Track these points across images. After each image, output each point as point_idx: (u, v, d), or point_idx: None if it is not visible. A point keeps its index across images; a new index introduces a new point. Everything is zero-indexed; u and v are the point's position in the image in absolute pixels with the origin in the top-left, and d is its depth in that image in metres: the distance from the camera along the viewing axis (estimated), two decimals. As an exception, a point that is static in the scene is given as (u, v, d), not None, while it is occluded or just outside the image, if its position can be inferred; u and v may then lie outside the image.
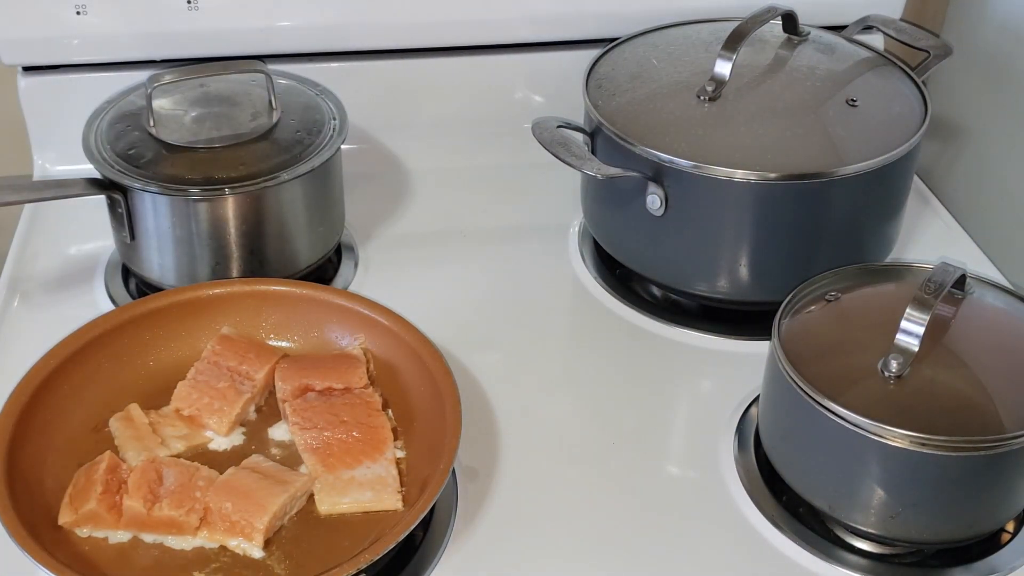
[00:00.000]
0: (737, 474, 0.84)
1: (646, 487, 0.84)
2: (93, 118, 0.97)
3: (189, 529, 0.75)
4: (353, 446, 0.80)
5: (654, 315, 0.98)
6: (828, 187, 0.89)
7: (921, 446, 0.71)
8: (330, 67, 1.13)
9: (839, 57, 1.01)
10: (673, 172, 0.89)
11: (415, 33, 1.13)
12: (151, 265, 0.95)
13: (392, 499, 0.78)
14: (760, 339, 0.88)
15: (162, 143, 0.93)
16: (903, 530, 0.76)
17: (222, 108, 0.97)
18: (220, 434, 0.83)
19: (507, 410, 0.88)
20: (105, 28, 1.06)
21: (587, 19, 1.13)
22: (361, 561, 0.69)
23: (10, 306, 0.98)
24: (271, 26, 1.09)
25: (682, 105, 0.94)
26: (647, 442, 0.88)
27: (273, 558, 0.75)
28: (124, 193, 0.92)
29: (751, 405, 0.89)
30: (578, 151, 0.92)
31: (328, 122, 0.98)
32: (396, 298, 0.91)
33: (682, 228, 0.93)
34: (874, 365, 0.75)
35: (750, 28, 0.94)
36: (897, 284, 0.86)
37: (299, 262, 0.98)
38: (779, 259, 0.93)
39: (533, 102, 1.17)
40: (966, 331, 0.80)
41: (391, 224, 1.09)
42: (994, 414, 0.74)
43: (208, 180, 0.91)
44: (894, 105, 0.96)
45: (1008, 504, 0.76)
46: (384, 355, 0.87)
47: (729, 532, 0.80)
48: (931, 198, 1.14)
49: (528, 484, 0.83)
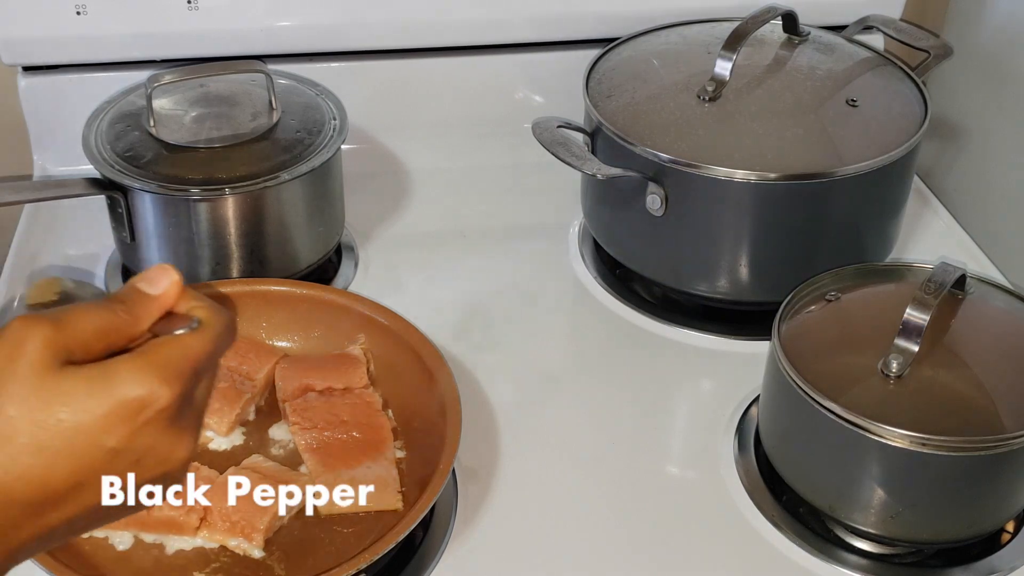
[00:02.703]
0: (737, 474, 0.84)
1: (646, 487, 0.84)
2: (93, 118, 0.97)
3: (189, 529, 0.75)
4: (353, 446, 0.80)
5: (654, 315, 0.98)
6: (828, 187, 0.89)
7: (921, 446, 0.71)
8: (330, 67, 1.13)
9: (839, 57, 1.01)
10: (673, 172, 0.89)
11: (415, 33, 1.13)
12: (151, 265, 0.95)
13: (392, 499, 0.78)
14: (760, 339, 0.88)
15: (162, 143, 0.93)
16: (903, 530, 0.76)
17: (222, 108, 0.97)
18: (220, 434, 0.83)
19: (507, 410, 0.88)
20: (105, 28, 1.06)
21: (587, 19, 1.13)
22: (361, 561, 0.69)
23: (10, 306, 0.98)
24: (271, 26, 1.09)
25: (682, 105, 0.94)
26: (647, 442, 0.88)
27: (273, 558, 0.75)
28: (124, 193, 0.92)
29: (751, 405, 0.89)
30: (578, 151, 0.92)
31: (328, 122, 0.98)
32: (396, 298, 0.91)
33: (682, 228, 0.93)
34: (874, 365, 0.75)
35: (750, 28, 0.94)
36: (897, 284, 0.86)
37: (299, 262, 0.98)
38: (779, 259, 0.93)
39: (533, 102, 1.17)
40: (966, 331, 0.80)
41: (391, 224, 1.09)
42: (994, 414, 0.74)
43: (208, 180, 0.91)
44: (894, 105, 0.96)
45: (1008, 504, 0.76)
46: (384, 355, 0.87)
47: (729, 532, 0.80)
48: (931, 198, 1.14)
49: (528, 484, 0.83)
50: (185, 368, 0.49)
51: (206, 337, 0.51)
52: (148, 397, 0.47)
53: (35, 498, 0.46)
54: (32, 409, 0.46)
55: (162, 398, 0.48)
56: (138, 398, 0.47)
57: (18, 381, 0.46)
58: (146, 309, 0.51)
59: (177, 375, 0.49)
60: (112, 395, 0.47)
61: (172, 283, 0.52)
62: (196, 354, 0.50)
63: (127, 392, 0.47)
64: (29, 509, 0.47)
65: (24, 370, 0.46)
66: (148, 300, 0.51)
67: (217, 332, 0.51)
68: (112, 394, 0.47)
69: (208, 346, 0.50)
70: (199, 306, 0.52)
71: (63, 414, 0.46)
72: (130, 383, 0.47)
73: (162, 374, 0.48)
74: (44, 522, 0.47)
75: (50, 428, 0.46)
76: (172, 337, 0.50)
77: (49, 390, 0.46)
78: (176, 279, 0.52)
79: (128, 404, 0.47)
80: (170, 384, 0.48)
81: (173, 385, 0.48)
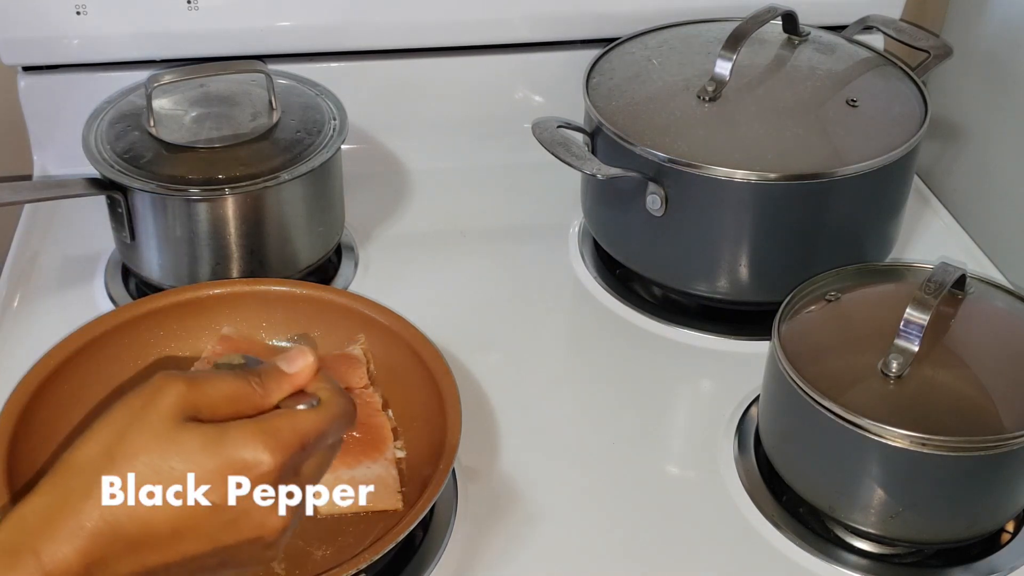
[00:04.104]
0: (737, 474, 0.84)
1: (646, 487, 0.84)
2: (93, 118, 0.97)
3: (189, 529, 0.75)
4: (353, 446, 0.80)
5: (654, 315, 0.98)
6: (828, 187, 0.89)
7: (921, 446, 0.71)
8: (330, 67, 1.13)
9: (839, 57, 1.01)
10: (673, 172, 0.89)
11: (415, 33, 1.13)
12: (151, 265, 0.95)
13: (392, 499, 0.78)
14: (760, 339, 0.88)
15: (162, 143, 0.93)
16: (903, 530, 0.76)
17: (222, 108, 0.97)
18: (220, 434, 0.83)
19: (507, 410, 0.88)
20: (105, 28, 1.06)
21: (587, 19, 1.13)
22: (361, 561, 0.69)
23: (10, 306, 0.98)
24: (271, 26, 1.09)
25: (682, 105, 0.94)
26: (647, 442, 0.88)
27: (273, 558, 0.75)
28: (124, 193, 0.92)
29: (751, 405, 0.89)
30: (578, 151, 0.92)
31: (328, 122, 0.98)
32: (396, 298, 0.91)
33: (682, 228, 0.93)
34: (874, 365, 0.75)
35: (750, 28, 0.94)
36: (897, 284, 0.86)
37: (299, 262, 0.98)
38: (779, 259, 0.93)
39: (533, 102, 1.17)
40: (966, 331, 0.80)
41: (391, 224, 1.09)
42: (994, 414, 0.74)
43: (208, 180, 0.91)
44: (894, 105, 0.96)
45: (1008, 504, 0.76)
46: (384, 355, 0.87)
47: (729, 532, 0.80)
48: (931, 198, 1.14)
49: (528, 484, 0.83)
50: (293, 441, 0.52)
51: (321, 416, 0.54)
52: (251, 460, 0.51)
53: (138, 536, 0.50)
54: (151, 453, 0.50)
55: (264, 463, 0.51)
56: (242, 460, 0.51)
57: (146, 427, 0.51)
58: (278, 384, 0.55)
59: (283, 446, 0.52)
60: (220, 453, 0.51)
61: (307, 364, 0.56)
62: (306, 429, 0.53)
63: (233, 453, 0.51)
64: (131, 546, 0.50)
65: (153, 418, 0.51)
66: (281, 377, 0.55)
67: (333, 414, 0.55)
68: (220, 452, 0.51)
69: (321, 425, 0.54)
70: (324, 388, 0.56)
71: (175, 463, 0.51)
72: (238, 445, 0.51)
73: (269, 442, 0.52)
74: (142, 561, 0.51)
75: (162, 474, 0.50)
76: (287, 410, 0.54)
77: (170, 440, 0.51)
78: (311, 361, 0.56)
79: (233, 464, 0.51)
80: (273, 452, 0.51)
81: (276, 454, 0.52)
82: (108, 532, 0.50)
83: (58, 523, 0.49)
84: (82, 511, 0.50)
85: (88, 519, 0.49)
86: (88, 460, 0.51)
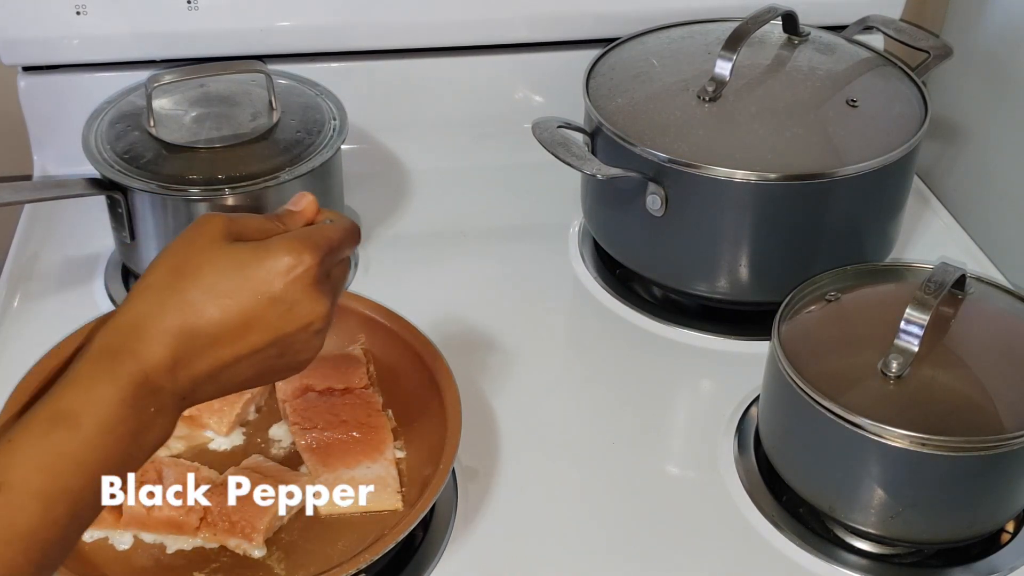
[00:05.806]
0: (737, 474, 0.84)
1: (646, 487, 0.84)
2: (93, 118, 0.97)
3: (189, 529, 0.75)
4: (353, 446, 0.80)
5: (654, 315, 0.98)
6: (828, 187, 0.89)
7: (921, 446, 0.71)
8: (330, 67, 1.13)
9: (839, 57, 1.01)
10: (673, 172, 0.89)
11: (415, 33, 1.13)
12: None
13: (392, 499, 0.78)
14: (760, 339, 0.88)
15: (162, 143, 0.93)
16: (903, 530, 0.76)
17: (222, 108, 0.97)
18: (220, 434, 0.83)
19: (507, 410, 0.88)
20: (105, 28, 1.06)
21: (587, 19, 1.13)
22: (361, 561, 0.69)
23: (10, 306, 0.98)
24: (271, 26, 1.09)
25: (682, 105, 0.94)
26: (647, 442, 0.88)
27: (273, 558, 0.75)
28: (124, 193, 0.92)
29: (751, 405, 0.89)
30: (578, 151, 0.92)
31: (328, 122, 0.98)
32: (396, 298, 0.91)
33: (682, 228, 0.93)
34: (874, 365, 0.75)
35: (750, 28, 0.94)
36: (897, 284, 0.86)
37: (299, 262, 0.98)
38: (779, 259, 0.93)
39: (533, 102, 1.17)
40: (966, 331, 0.80)
41: (391, 224, 1.09)
42: (994, 414, 0.74)
43: (208, 180, 0.91)
44: (894, 105, 0.96)
45: (1008, 504, 0.76)
46: (384, 355, 0.87)
47: (729, 532, 0.80)
48: (931, 198, 1.14)
49: (528, 484, 0.83)
50: (323, 243, 0.63)
51: (337, 227, 0.66)
52: (296, 260, 0.61)
53: (214, 331, 0.60)
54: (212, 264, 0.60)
55: (306, 260, 0.62)
56: (289, 260, 0.61)
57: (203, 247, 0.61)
58: (293, 219, 0.66)
59: (317, 247, 0.62)
60: (270, 257, 0.61)
61: (309, 201, 0.67)
62: (330, 236, 0.64)
63: (281, 255, 0.61)
64: (208, 340, 0.60)
65: (206, 241, 0.61)
66: (294, 214, 0.67)
67: (345, 227, 0.66)
68: (270, 256, 0.61)
69: (339, 233, 0.65)
70: (331, 213, 0.68)
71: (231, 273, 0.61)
72: (284, 249, 0.62)
73: (307, 243, 0.62)
74: (218, 355, 0.60)
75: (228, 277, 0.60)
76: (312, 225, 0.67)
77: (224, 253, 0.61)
78: (312, 198, 0.67)
79: (281, 263, 0.61)
80: (311, 252, 0.62)
81: (314, 253, 0.62)
82: (189, 331, 0.59)
83: (147, 327, 0.58)
84: (164, 318, 0.59)
85: (172, 323, 0.59)
86: (159, 279, 0.60)
